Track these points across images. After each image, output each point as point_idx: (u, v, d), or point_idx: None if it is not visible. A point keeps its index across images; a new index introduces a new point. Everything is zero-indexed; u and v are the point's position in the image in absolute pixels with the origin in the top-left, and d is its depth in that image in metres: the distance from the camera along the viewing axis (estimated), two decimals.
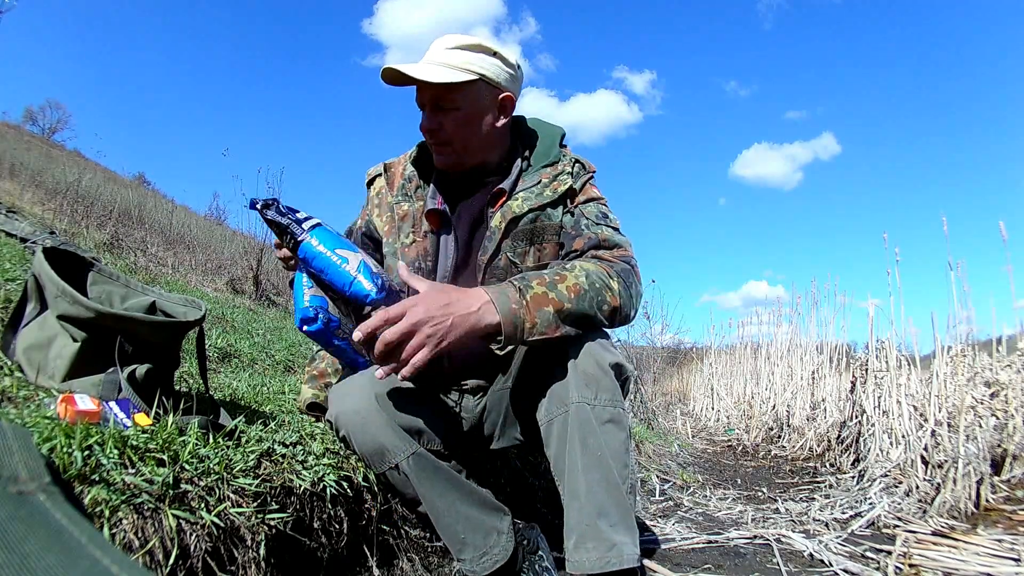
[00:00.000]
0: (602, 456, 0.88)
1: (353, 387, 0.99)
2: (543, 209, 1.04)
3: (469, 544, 0.98)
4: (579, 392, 0.90)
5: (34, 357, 0.87)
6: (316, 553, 0.89)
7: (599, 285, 0.92)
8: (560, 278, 0.90)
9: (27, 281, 0.92)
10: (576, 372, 0.91)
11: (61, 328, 0.87)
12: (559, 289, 0.89)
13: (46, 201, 4.76)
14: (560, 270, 0.92)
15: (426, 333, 0.82)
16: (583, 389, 0.90)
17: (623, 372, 0.94)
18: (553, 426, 0.92)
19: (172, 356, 0.98)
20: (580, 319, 0.90)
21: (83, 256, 0.99)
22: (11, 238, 2.48)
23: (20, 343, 0.89)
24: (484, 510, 1.00)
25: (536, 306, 0.86)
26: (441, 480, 0.97)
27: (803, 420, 3.74)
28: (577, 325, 0.90)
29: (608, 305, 0.92)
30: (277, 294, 5.09)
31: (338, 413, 0.97)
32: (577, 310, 0.89)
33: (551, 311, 0.87)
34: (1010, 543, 1.43)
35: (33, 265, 0.91)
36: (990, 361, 2.69)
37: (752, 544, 1.55)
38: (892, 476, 2.25)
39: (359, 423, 0.95)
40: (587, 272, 0.92)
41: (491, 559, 0.98)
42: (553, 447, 0.93)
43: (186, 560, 0.67)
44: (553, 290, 0.88)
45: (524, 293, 0.87)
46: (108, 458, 0.65)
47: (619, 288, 0.94)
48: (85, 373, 0.85)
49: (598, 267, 0.94)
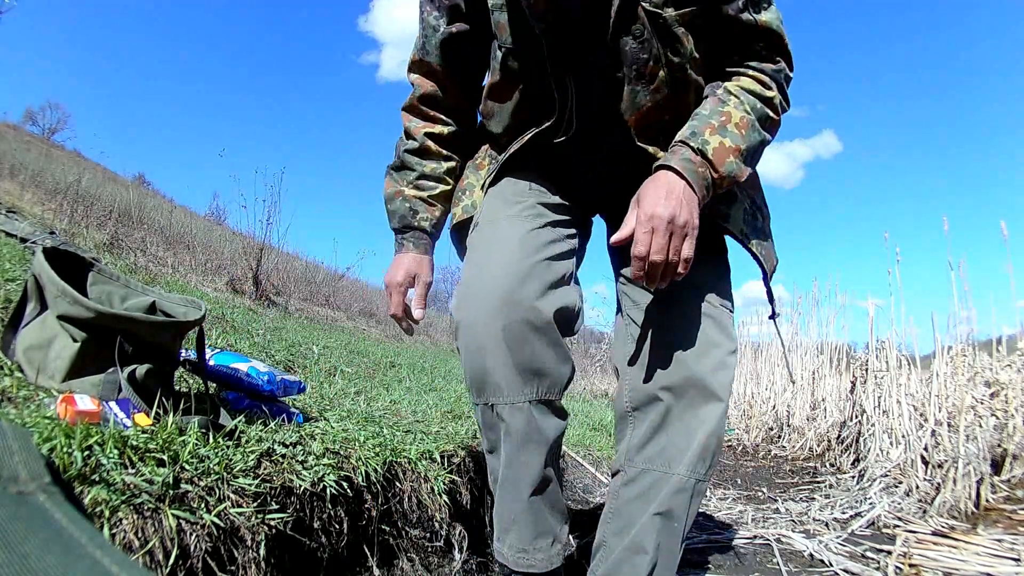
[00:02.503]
0: (679, 528, 0.86)
1: (482, 289, 0.85)
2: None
3: (514, 533, 0.88)
4: (690, 467, 0.85)
5: (34, 357, 0.87)
6: (316, 553, 0.89)
7: (760, 105, 0.85)
8: (726, 117, 0.82)
9: (27, 281, 0.92)
10: (695, 442, 0.85)
11: (61, 328, 0.87)
12: (730, 131, 0.81)
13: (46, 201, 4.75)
14: (720, 105, 0.83)
15: (680, 223, 0.76)
16: (696, 464, 0.85)
17: None
18: (642, 479, 0.88)
19: (172, 356, 0.98)
20: (755, 152, 0.85)
21: (83, 256, 0.99)
22: (11, 238, 2.48)
23: (20, 343, 0.89)
24: (550, 506, 0.90)
25: (719, 161, 0.80)
26: (530, 449, 0.85)
27: (803, 420, 3.74)
28: (754, 158, 0.86)
29: (772, 120, 0.86)
30: (277, 294, 5.09)
31: (458, 321, 0.86)
32: (751, 145, 0.83)
33: (733, 160, 0.81)
34: (1010, 543, 1.43)
35: (33, 265, 0.91)
36: (990, 361, 2.69)
37: (752, 544, 1.55)
38: (892, 476, 2.25)
39: (475, 344, 0.84)
40: (746, 94, 0.84)
41: (528, 560, 0.88)
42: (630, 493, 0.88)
43: (186, 560, 0.67)
44: (726, 135, 0.81)
45: (704, 153, 0.80)
46: (108, 458, 0.65)
47: (777, 94, 0.86)
48: (85, 373, 0.85)
49: (753, 82, 0.85)
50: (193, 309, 1.01)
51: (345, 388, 1.70)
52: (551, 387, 0.86)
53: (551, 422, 0.87)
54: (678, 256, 0.77)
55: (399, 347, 5.15)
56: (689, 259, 0.78)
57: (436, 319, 11.92)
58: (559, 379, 0.87)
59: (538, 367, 0.84)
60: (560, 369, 0.87)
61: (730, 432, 4.25)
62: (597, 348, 8.54)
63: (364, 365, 2.62)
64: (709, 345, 0.88)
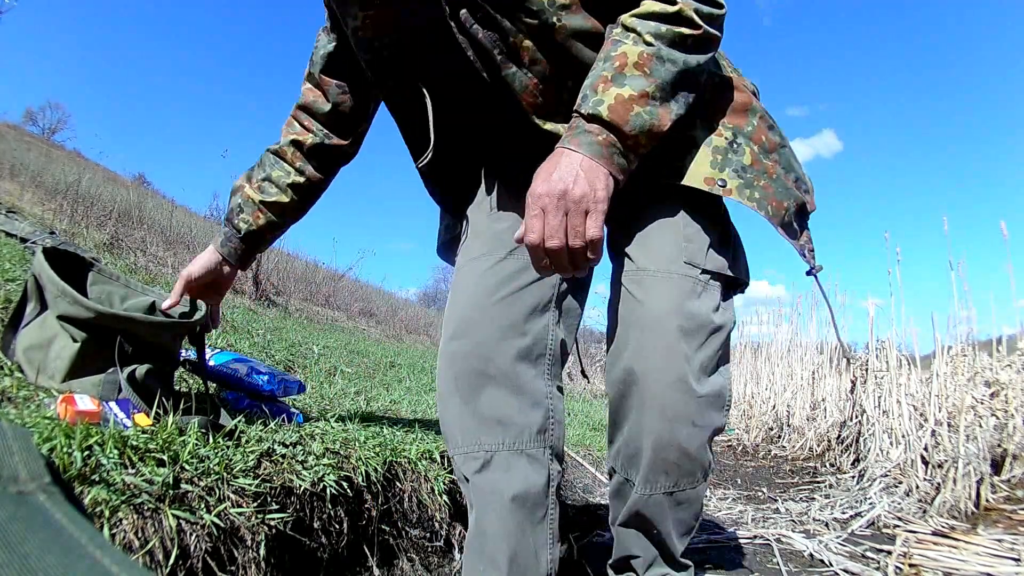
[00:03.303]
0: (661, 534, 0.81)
1: (443, 338, 0.83)
2: None
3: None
4: (646, 481, 0.77)
5: (34, 357, 0.87)
6: (316, 553, 0.89)
7: (665, 27, 0.67)
8: (621, 61, 0.66)
9: (27, 281, 0.92)
10: (643, 453, 0.75)
11: (61, 328, 0.87)
12: (628, 76, 0.66)
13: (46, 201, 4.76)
14: (614, 48, 0.68)
15: (574, 197, 0.63)
16: (653, 477, 0.77)
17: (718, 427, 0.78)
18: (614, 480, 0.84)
19: (172, 356, 0.98)
20: (676, 84, 0.67)
21: (83, 256, 0.99)
22: (11, 238, 2.48)
23: (20, 343, 0.89)
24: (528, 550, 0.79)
25: (622, 119, 0.65)
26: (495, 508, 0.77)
27: (803, 420, 3.74)
28: (679, 91, 0.68)
29: (689, 36, 0.68)
30: (277, 294, 5.09)
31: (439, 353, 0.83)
32: (665, 80, 0.66)
33: (640, 110, 0.65)
34: (1010, 543, 1.43)
35: (33, 265, 0.91)
36: (990, 361, 2.69)
37: (752, 544, 1.55)
38: (892, 476, 2.25)
39: (438, 392, 0.82)
40: (644, 22, 0.67)
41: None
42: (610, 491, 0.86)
43: (186, 560, 0.67)
44: (623, 83, 0.66)
45: (599, 116, 0.65)
46: (108, 458, 0.65)
47: (684, 4, 0.68)
48: (85, 373, 0.86)
49: (652, 3, 0.68)
50: (194, 310, 1.01)
51: (345, 388, 1.70)
52: (518, 436, 0.79)
53: (520, 475, 0.78)
54: (580, 238, 0.64)
55: (399, 347, 5.15)
56: (595, 240, 0.64)
57: (436, 319, 11.92)
58: (526, 426, 0.79)
59: (498, 416, 0.79)
60: (527, 416, 0.79)
61: (730, 432, 4.25)
62: (598, 348, 8.54)
63: (364, 365, 2.62)
64: (655, 327, 0.73)
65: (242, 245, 1.00)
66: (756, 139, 0.78)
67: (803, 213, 0.80)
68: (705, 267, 0.76)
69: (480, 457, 0.79)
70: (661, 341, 0.73)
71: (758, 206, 0.74)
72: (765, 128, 0.79)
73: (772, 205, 0.75)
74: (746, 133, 0.77)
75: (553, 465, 0.83)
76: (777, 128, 0.81)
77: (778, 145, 0.79)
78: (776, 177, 0.77)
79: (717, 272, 0.78)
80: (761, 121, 0.79)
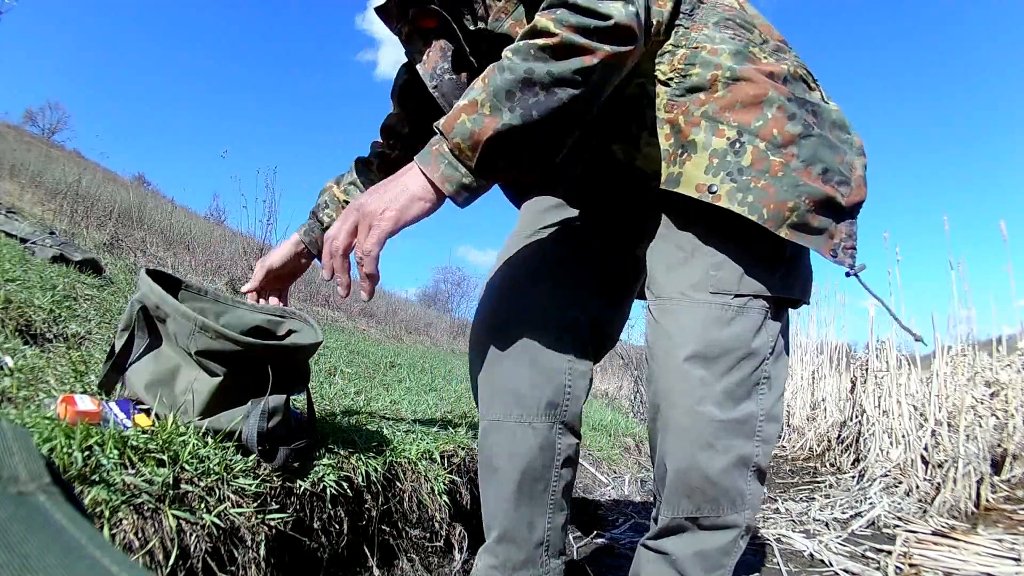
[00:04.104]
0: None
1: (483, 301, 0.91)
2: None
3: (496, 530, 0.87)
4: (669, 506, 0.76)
5: (159, 393, 0.80)
6: (316, 553, 0.89)
7: (520, 43, 0.67)
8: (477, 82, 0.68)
9: (132, 312, 0.83)
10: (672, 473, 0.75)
11: (183, 360, 0.80)
12: (471, 90, 0.68)
13: (46, 201, 4.76)
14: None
15: (365, 211, 0.68)
16: (675, 500, 0.75)
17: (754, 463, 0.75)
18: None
19: (307, 375, 0.94)
20: (514, 88, 0.65)
21: (172, 275, 0.93)
22: (11, 238, 2.48)
23: (137, 380, 0.82)
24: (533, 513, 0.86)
25: (448, 128, 0.67)
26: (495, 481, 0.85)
27: (803, 420, 3.74)
28: (519, 96, 0.65)
29: (539, 47, 0.65)
30: None
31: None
32: (498, 87, 0.65)
33: (465, 118, 0.66)
34: (1010, 543, 1.43)
35: (140, 293, 0.83)
36: (990, 361, 2.69)
37: (752, 544, 1.55)
38: (892, 476, 2.25)
39: (471, 359, 0.90)
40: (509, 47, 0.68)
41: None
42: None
43: (186, 560, 0.67)
44: (465, 97, 0.68)
45: (438, 127, 0.69)
46: (108, 458, 0.65)
47: (543, 16, 0.66)
48: (225, 407, 0.80)
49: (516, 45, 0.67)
50: (297, 322, 0.96)
51: (345, 388, 1.70)
52: (527, 408, 0.85)
53: (524, 446, 0.85)
54: (359, 248, 0.68)
55: (399, 347, 5.15)
56: (369, 252, 0.67)
57: (436, 319, 11.93)
58: (536, 399, 0.84)
59: (511, 387, 0.84)
60: (540, 389, 0.84)
61: None
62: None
63: (364, 365, 2.62)
64: (670, 353, 0.75)
65: (323, 238, 1.05)
66: (765, 134, 0.73)
67: (831, 207, 0.73)
68: (739, 292, 0.74)
69: (485, 425, 0.87)
70: (674, 367, 0.74)
71: (750, 210, 0.71)
72: (783, 118, 0.73)
73: (770, 208, 0.71)
74: (752, 129, 0.73)
75: (563, 439, 0.87)
76: (802, 115, 0.74)
77: (798, 136, 0.73)
78: (783, 175, 0.71)
79: (756, 294, 0.75)
80: (778, 112, 0.73)
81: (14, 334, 1.14)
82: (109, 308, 1.70)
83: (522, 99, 0.65)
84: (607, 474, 2.29)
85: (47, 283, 1.64)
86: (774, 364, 0.77)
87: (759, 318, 0.75)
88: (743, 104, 0.73)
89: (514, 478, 0.84)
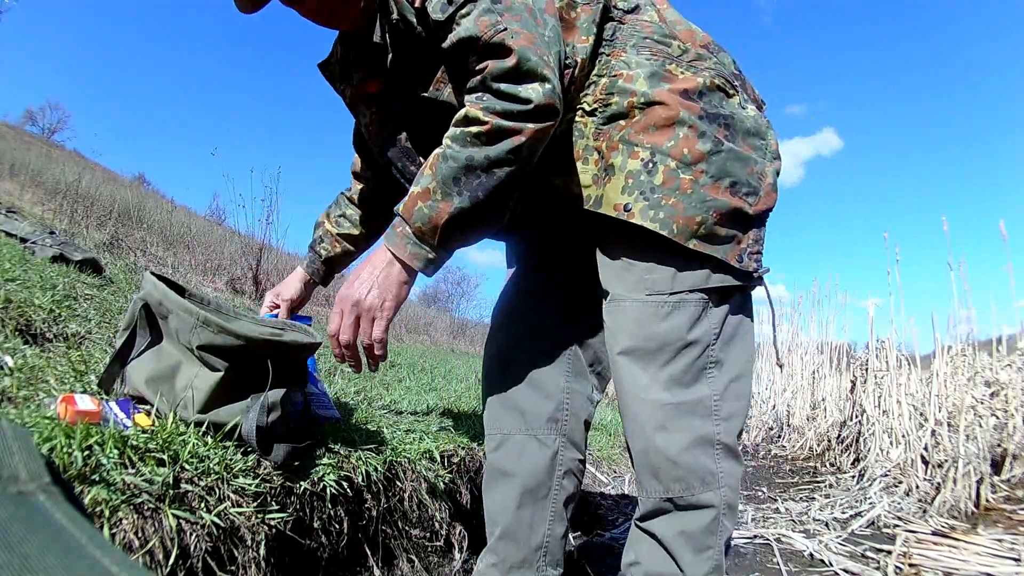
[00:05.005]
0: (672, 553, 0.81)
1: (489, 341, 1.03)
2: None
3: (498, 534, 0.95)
4: (641, 488, 0.81)
5: (159, 389, 0.81)
6: (316, 553, 0.89)
7: (457, 131, 0.74)
8: (425, 166, 0.77)
9: (133, 311, 0.84)
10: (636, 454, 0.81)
11: (183, 356, 0.81)
12: (421, 178, 0.76)
13: (46, 201, 4.76)
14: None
15: (365, 307, 0.77)
16: (649, 481, 0.80)
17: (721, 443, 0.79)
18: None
19: (306, 375, 0.96)
20: (459, 175, 0.73)
21: (176, 283, 0.93)
22: (11, 238, 2.48)
23: (137, 376, 0.83)
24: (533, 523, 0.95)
25: (408, 215, 0.75)
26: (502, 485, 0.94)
27: (803, 420, 3.74)
28: (465, 181, 0.73)
29: (475, 134, 0.72)
30: None
31: None
32: (447, 175, 0.73)
33: (422, 205, 0.74)
34: (1010, 543, 1.43)
35: (144, 292, 0.84)
36: (990, 361, 2.69)
37: (752, 544, 1.55)
38: (892, 476, 2.25)
39: (484, 388, 1.00)
40: (450, 131, 0.75)
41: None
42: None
43: (186, 560, 0.67)
44: (417, 184, 0.76)
45: (397, 211, 0.77)
46: (108, 458, 0.65)
47: (473, 106, 0.73)
48: (225, 402, 0.81)
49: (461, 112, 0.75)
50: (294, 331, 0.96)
51: (345, 388, 1.70)
52: (530, 423, 0.95)
53: (528, 457, 0.94)
54: (368, 338, 0.78)
55: (399, 347, 5.15)
56: (380, 340, 0.78)
57: (436, 319, 11.93)
58: (538, 415, 0.95)
59: (516, 405, 0.96)
60: (540, 406, 0.96)
61: None
62: None
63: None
64: (614, 348, 0.83)
65: (324, 267, 1.20)
66: (676, 154, 0.77)
67: (738, 218, 0.79)
68: (674, 290, 0.79)
69: (496, 438, 0.97)
70: (621, 360, 0.81)
71: (661, 226, 0.76)
72: (694, 138, 0.77)
73: (679, 223, 0.76)
74: (664, 150, 0.77)
75: (565, 452, 0.96)
76: (713, 132, 0.79)
77: (708, 153, 0.77)
78: (692, 192, 0.77)
79: (692, 288, 0.80)
80: (689, 131, 0.78)
81: (14, 334, 1.14)
82: (109, 308, 1.70)
83: (467, 183, 0.74)
84: (607, 474, 2.29)
85: (47, 283, 1.64)
86: (724, 348, 0.82)
87: (696, 310, 0.80)
88: (656, 126, 0.78)
89: (519, 481, 0.94)
